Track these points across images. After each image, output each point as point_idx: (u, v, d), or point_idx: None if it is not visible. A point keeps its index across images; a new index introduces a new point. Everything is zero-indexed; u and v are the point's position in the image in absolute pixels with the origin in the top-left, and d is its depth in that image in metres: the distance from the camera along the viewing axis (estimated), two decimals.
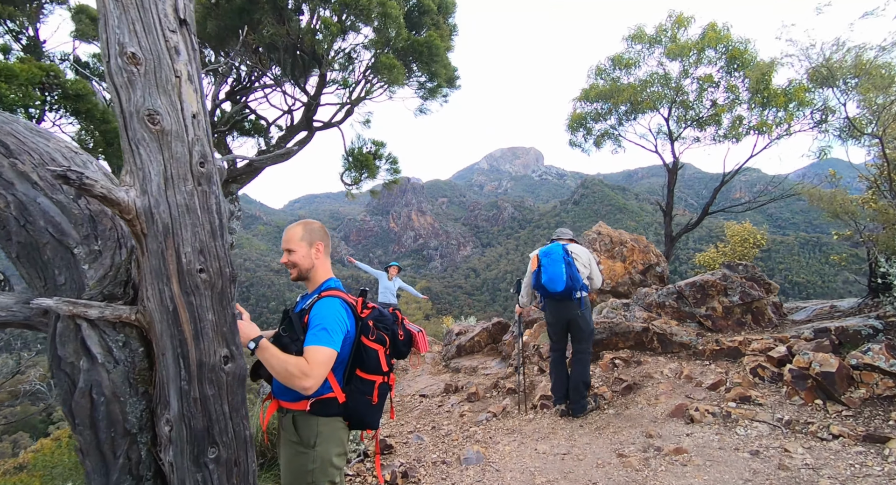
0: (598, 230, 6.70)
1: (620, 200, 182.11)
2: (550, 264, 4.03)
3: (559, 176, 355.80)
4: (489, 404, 5.35)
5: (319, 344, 1.75)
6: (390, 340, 2.09)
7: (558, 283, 3.96)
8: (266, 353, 1.74)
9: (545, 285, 4.01)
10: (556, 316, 4.19)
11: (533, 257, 4.20)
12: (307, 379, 1.67)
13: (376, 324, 2.06)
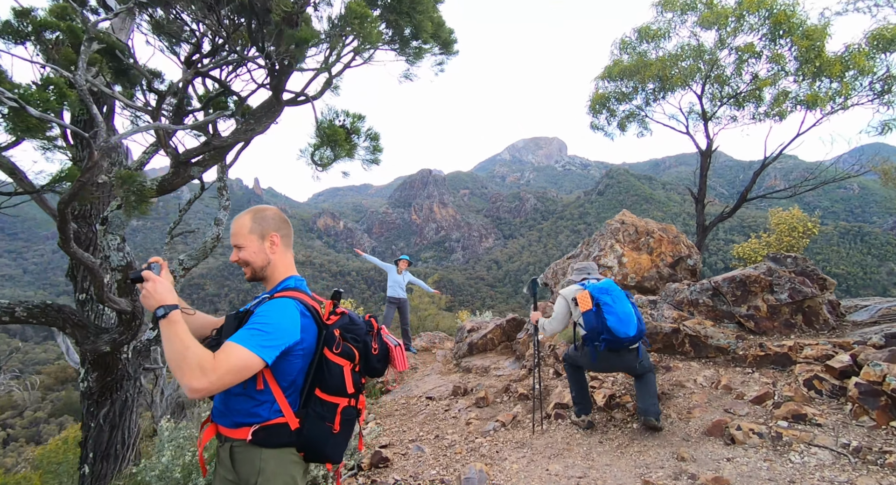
0: (622, 219, 6.07)
1: (647, 189, 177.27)
2: (616, 302, 3.29)
3: (583, 166, 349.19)
4: (499, 410, 4.87)
5: (241, 344, 1.35)
6: (360, 354, 1.65)
7: (630, 325, 3.23)
8: (171, 329, 1.32)
9: (613, 329, 3.21)
10: (609, 366, 3.53)
11: (580, 296, 3.39)
12: (201, 377, 1.26)
13: (344, 334, 1.63)
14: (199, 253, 4.47)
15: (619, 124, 9.23)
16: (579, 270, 3.88)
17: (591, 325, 3.31)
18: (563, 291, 3.67)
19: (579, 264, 3.93)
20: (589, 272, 3.85)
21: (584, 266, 3.88)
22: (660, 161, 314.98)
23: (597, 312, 3.31)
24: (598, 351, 3.37)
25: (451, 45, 2.95)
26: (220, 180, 4.80)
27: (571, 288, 3.65)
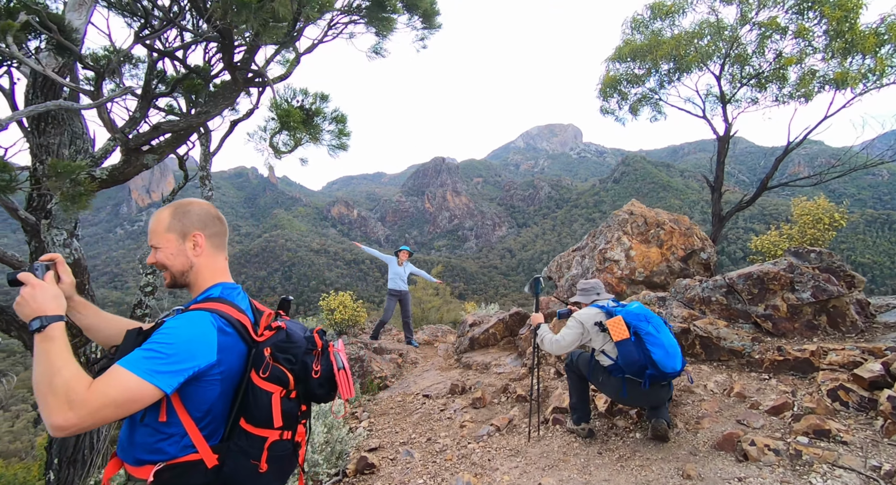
0: (630, 210, 5.70)
1: (664, 177, 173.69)
2: (659, 331, 2.94)
3: (599, 153, 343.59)
4: (495, 412, 4.61)
5: (129, 369, 1.11)
6: (296, 377, 1.39)
7: (677, 358, 2.87)
8: (44, 346, 1.08)
9: (660, 363, 2.82)
10: (639, 400, 3.11)
11: (613, 324, 2.99)
12: (66, 412, 1.02)
13: (276, 354, 1.36)
14: None
15: (630, 108, 8.73)
16: (586, 291, 3.52)
17: (629, 357, 2.89)
18: (580, 315, 3.25)
19: (585, 283, 3.60)
20: (598, 292, 3.52)
21: (591, 286, 3.53)
22: (678, 148, 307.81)
23: (637, 343, 2.91)
24: (632, 385, 2.99)
25: (432, 18, 2.62)
26: (202, 169, 4.58)
27: (590, 312, 3.23)
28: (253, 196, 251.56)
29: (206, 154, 4.58)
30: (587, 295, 3.52)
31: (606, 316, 3.15)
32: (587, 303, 3.46)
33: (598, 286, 3.54)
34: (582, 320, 3.21)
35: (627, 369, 2.94)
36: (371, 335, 7.86)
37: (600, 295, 3.50)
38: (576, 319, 3.24)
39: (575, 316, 3.28)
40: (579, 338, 3.20)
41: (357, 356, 6.78)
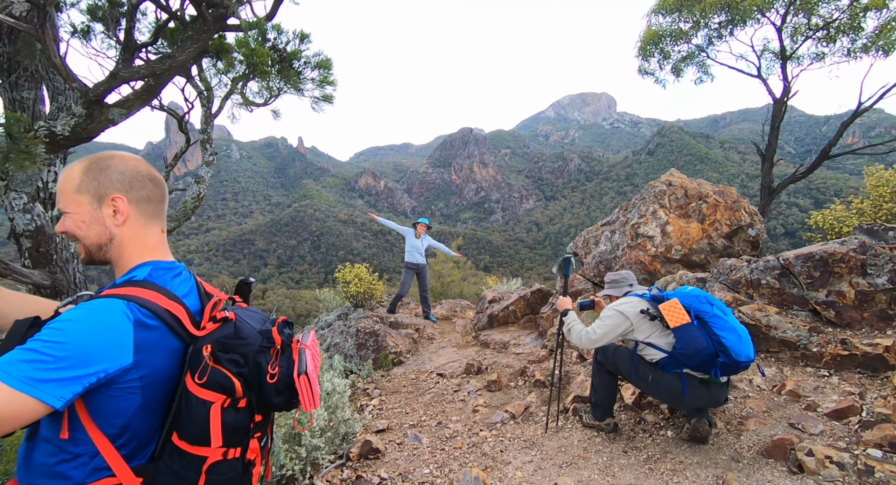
0: (669, 180, 5.12)
1: (702, 148, 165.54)
2: (726, 314, 2.55)
3: (633, 124, 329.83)
4: (511, 397, 4.31)
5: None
6: (245, 383, 1.07)
7: (750, 344, 2.49)
8: None
9: (733, 350, 2.40)
10: (698, 401, 2.63)
11: (669, 307, 2.58)
12: None
13: (217, 354, 1.04)
14: (179, 214, 4.03)
15: (673, 68, 7.88)
16: (616, 283, 3.07)
17: (693, 345, 2.44)
18: (620, 305, 2.81)
19: (614, 275, 3.14)
20: (631, 283, 3.08)
21: (621, 276, 3.08)
22: (719, 117, 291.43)
23: (701, 328, 2.48)
24: (694, 382, 2.56)
25: None
26: (202, 132, 4.28)
27: (630, 300, 2.79)
28: (283, 166, 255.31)
29: (206, 115, 4.27)
30: (618, 286, 3.09)
31: (653, 302, 2.72)
32: (620, 295, 3.04)
33: (629, 277, 3.10)
34: (622, 310, 2.78)
35: (689, 361, 2.50)
36: (388, 309, 7.66)
37: (633, 286, 3.07)
38: (614, 309, 2.82)
39: (613, 306, 2.85)
40: (617, 331, 2.79)
41: (372, 330, 6.58)
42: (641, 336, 2.75)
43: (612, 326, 2.78)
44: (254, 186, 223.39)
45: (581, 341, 2.89)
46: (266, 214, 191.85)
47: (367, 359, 6.34)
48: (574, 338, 2.96)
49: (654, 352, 2.70)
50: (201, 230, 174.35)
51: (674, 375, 2.61)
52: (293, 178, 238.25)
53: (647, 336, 2.72)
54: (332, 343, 6.82)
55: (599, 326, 2.83)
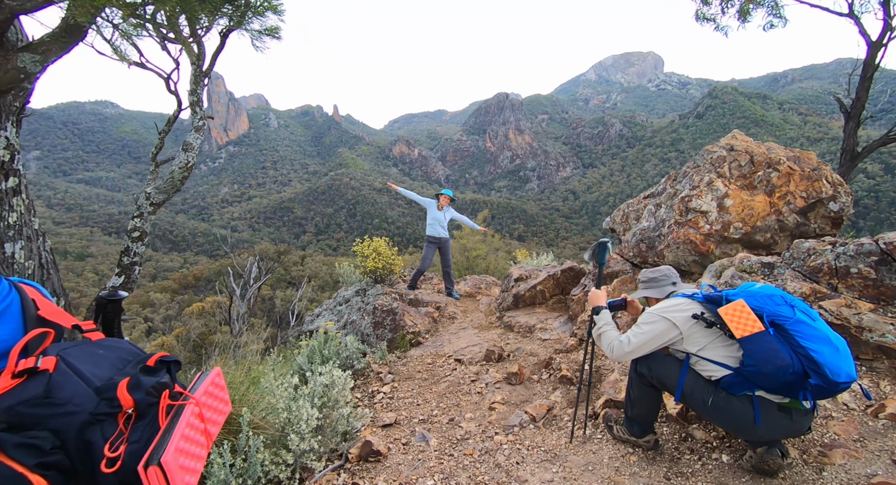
0: (730, 144, 4.31)
1: (758, 110, 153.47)
2: (815, 319, 1.95)
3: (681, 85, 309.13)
4: (533, 393, 3.84)
5: None
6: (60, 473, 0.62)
7: (850, 358, 1.89)
8: None
9: (828, 366, 1.81)
10: (775, 431, 2.04)
11: (735, 311, 1.98)
12: None
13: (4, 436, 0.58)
14: (167, 185, 3.67)
15: (739, 11, 6.71)
16: (655, 281, 2.48)
17: (771, 361, 1.85)
18: (663, 309, 2.22)
19: (652, 272, 2.52)
20: (675, 281, 2.46)
21: (661, 273, 2.49)
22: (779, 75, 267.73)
23: (781, 337, 1.88)
24: (770, 408, 1.98)
25: None
26: (192, 94, 3.84)
27: (677, 303, 2.21)
28: (319, 135, 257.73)
29: (196, 74, 3.82)
30: (659, 286, 2.48)
31: (708, 305, 2.13)
32: (661, 297, 2.44)
33: (670, 273, 2.49)
34: (667, 315, 2.20)
35: (764, 381, 1.91)
36: (408, 285, 7.27)
37: (677, 284, 2.46)
38: (657, 314, 2.24)
39: (656, 310, 2.27)
40: (660, 341, 2.22)
41: (389, 309, 6.22)
42: (694, 347, 2.16)
43: (654, 335, 2.21)
44: (291, 154, 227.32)
45: (612, 352, 2.34)
46: (304, 182, 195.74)
47: (384, 338, 6.01)
48: (604, 346, 2.41)
49: (713, 368, 2.11)
50: (244, 198, 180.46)
51: (742, 398, 2.02)
52: (329, 146, 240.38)
53: (703, 348, 2.14)
54: (349, 321, 6.53)
55: (637, 335, 2.26)
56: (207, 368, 5.03)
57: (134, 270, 3.59)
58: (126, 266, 3.53)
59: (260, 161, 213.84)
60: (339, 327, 6.54)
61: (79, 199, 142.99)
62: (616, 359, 2.38)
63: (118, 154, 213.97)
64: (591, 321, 2.68)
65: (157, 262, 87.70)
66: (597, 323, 2.56)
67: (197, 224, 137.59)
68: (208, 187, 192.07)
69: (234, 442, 2.52)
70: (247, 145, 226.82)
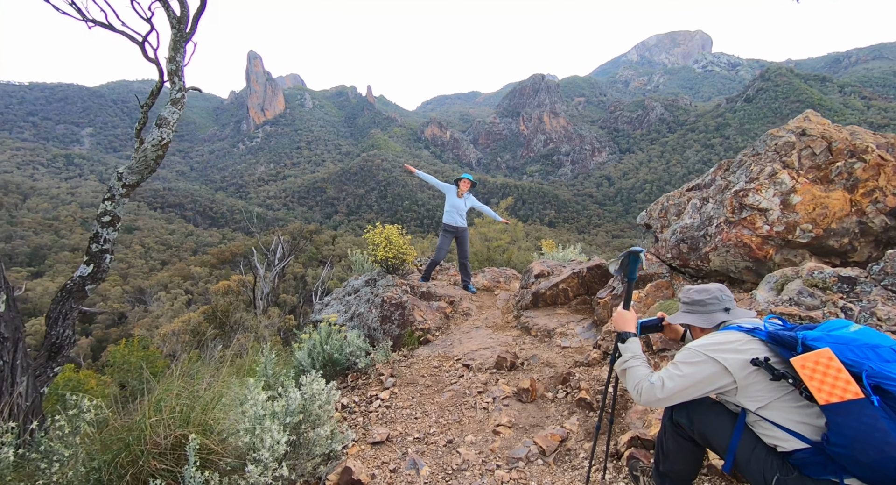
0: (801, 127, 3.55)
1: (815, 93, 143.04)
2: None
3: (731, 66, 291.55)
4: (545, 415, 3.33)
5: None
6: None
7: None
8: None
9: None
10: None
11: (822, 367, 1.39)
12: None
13: None
14: (140, 165, 3.30)
15: None
16: (703, 305, 1.88)
17: (875, 450, 1.29)
18: (709, 346, 1.67)
19: (698, 291, 1.92)
20: (727, 306, 1.85)
21: (711, 295, 1.88)
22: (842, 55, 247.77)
23: (892, 411, 1.31)
24: None
25: None
26: (171, 61, 3.43)
27: (729, 338, 1.66)
28: (352, 115, 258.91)
29: (176, 39, 3.40)
30: (706, 312, 1.88)
31: (775, 347, 1.56)
32: (710, 327, 1.85)
33: (722, 296, 1.87)
34: (717, 356, 1.63)
35: (859, 470, 1.34)
36: (422, 276, 6.82)
37: (731, 311, 1.85)
38: (702, 353, 1.67)
39: (699, 347, 1.70)
40: (706, 389, 1.66)
41: (399, 302, 5.81)
42: (753, 403, 1.59)
43: (697, 380, 1.65)
44: (325, 135, 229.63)
45: (640, 395, 1.79)
46: (336, 163, 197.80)
47: (391, 334, 5.61)
48: (630, 386, 1.85)
49: (781, 435, 1.54)
50: (279, 177, 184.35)
51: (824, 484, 1.45)
52: (362, 127, 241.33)
53: (765, 406, 1.56)
54: (356, 313, 6.16)
55: (674, 378, 1.70)
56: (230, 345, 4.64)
57: (104, 258, 3.25)
58: (95, 254, 3.19)
59: (295, 141, 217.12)
60: (345, 319, 6.19)
61: None
62: (645, 404, 1.83)
63: None
64: (615, 350, 2.13)
65: (197, 237, 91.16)
66: (622, 354, 2.01)
67: (235, 201, 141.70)
68: (246, 166, 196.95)
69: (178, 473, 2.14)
70: (282, 125, 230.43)
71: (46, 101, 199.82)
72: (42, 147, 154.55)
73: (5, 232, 70.95)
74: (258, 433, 2.38)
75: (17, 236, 71.04)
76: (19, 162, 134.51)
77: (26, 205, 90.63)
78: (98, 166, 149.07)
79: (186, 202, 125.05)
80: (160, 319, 30.97)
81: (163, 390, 2.32)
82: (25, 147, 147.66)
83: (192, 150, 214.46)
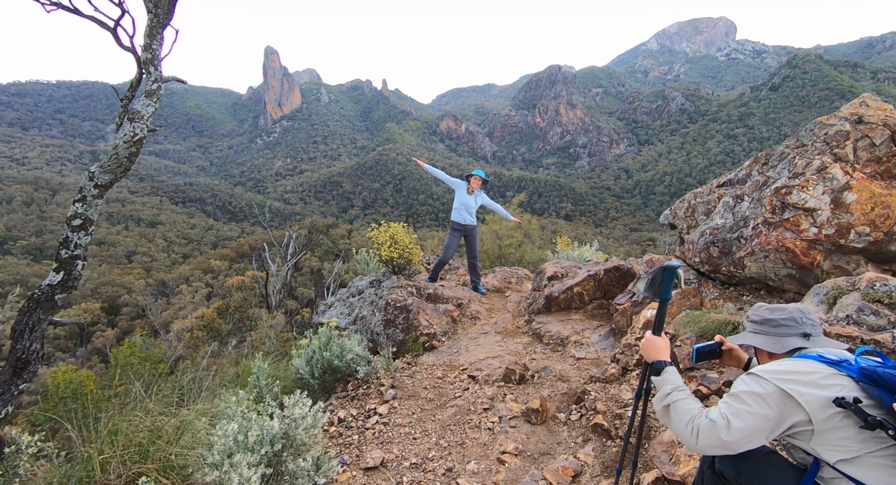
0: (858, 113, 3.08)
1: (846, 80, 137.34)
2: None
3: (755, 53, 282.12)
4: (557, 441, 2.98)
5: None
6: None
7: None
8: None
9: None
10: None
11: None
12: None
13: None
14: (113, 164, 3.03)
15: None
16: (776, 325, 1.49)
17: None
18: (782, 375, 1.31)
19: (771, 310, 1.53)
20: (807, 331, 1.45)
21: (788, 315, 1.49)
22: (876, 40, 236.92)
23: None
24: None
25: None
26: (147, 50, 3.15)
27: (804, 368, 1.30)
28: (368, 109, 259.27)
29: (152, 25, 3.13)
30: (779, 335, 1.49)
31: (871, 387, 1.19)
32: (780, 353, 1.47)
33: (802, 319, 1.47)
34: (788, 387, 1.26)
35: None
36: (429, 277, 6.50)
37: (812, 338, 1.46)
38: (768, 380, 1.30)
39: (766, 373, 1.33)
40: (776, 430, 1.29)
41: (403, 305, 5.50)
42: (834, 454, 1.22)
43: (765, 417, 1.28)
44: (341, 129, 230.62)
45: (698, 438, 1.39)
46: (352, 157, 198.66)
47: (395, 339, 5.31)
48: (680, 427, 1.46)
49: None
50: (296, 172, 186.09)
51: None
52: (377, 121, 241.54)
53: (851, 460, 1.19)
54: (359, 316, 5.87)
55: (741, 415, 1.31)
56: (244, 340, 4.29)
57: (76, 265, 2.99)
58: (65, 261, 2.94)
59: (311, 136, 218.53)
60: (348, 323, 5.92)
61: (150, 170, 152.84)
62: (703, 451, 1.43)
63: (183, 128, 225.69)
64: (642, 383, 1.77)
65: (217, 231, 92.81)
66: (657, 387, 1.64)
67: (253, 196, 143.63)
68: (263, 161, 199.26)
69: None
70: (299, 120, 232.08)
71: (73, 99, 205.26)
72: (69, 144, 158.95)
73: (36, 226, 73.22)
74: (226, 470, 2.09)
75: (47, 231, 73.27)
76: (48, 158, 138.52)
77: (55, 200, 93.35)
78: None
79: (207, 197, 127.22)
80: (181, 312, 31.56)
81: (121, 419, 2.04)
82: (54, 144, 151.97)
83: (211, 145, 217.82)
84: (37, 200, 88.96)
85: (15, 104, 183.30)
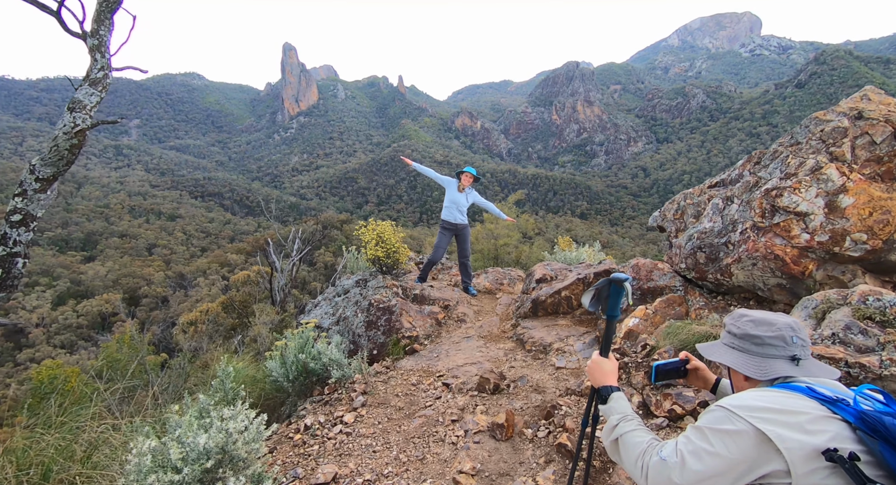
0: (857, 108, 2.79)
1: (876, 77, 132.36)
2: None
3: (781, 49, 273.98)
4: (519, 461, 2.77)
5: None
6: None
7: None
8: None
9: None
10: None
11: None
12: None
13: None
14: (54, 156, 2.91)
15: None
16: (758, 342, 1.21)
17: None
18: (758, 413, 1.05)
19: (754, 322, 1.24)
20: (796, 353, 1.16)
21: (776, 332, 1.19)
22: None
23: None
24: None
25: None
26: (94, 35, 3.02)
27: (798, 405, 1.05)
28: (383, 106, 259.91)
29: (100, 9, 3.02)
30: (760, 354, 1.22)
31: (870, 436, 0.95)
32: (762, 378, 1.22)
33: (792, 338, 1.18)
34: (762, 426, 1.01)
35: None
36: (418, 277, 6.32)
37: (802, 363, 1.19)
38: (739, 417, 1.05)
39: (735, 407, 1.08)
40: (742, 475, 1.05)
41: (386, 306, 5.34)
42: None
43: (732, 460, 1.05)
44: (357, 125, 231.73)
45: (647, 477, 1.17)
46: (367, 153, 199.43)
47: (376, 341, 5.15)
48: (629, 463, 1.23)
49: None
50: (312, 167, 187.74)
51: None
52: (393, 117, 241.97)
53: None
54: (343, 317, 5.73)
55: (699, 454, 1.07)
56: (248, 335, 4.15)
57: (15, 262, 2.88)
58: (3, 258, 2.83)
59: (328, 132, 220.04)
60: (332, 323, 5.78)
61: (171, 164, 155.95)
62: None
63: (203, 123, 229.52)
64: (591, 410, 1.56)
65: (234, 225, 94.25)
66: (605, 415, 1.42)
67: (270, 191, 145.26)
68: (280, 156, 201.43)
69: None
70: (316, 116, 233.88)
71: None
72: (94, 138, 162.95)
73: (62, 218, 75.30)
74: None
75: (73, 222, 75.33)
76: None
77: (80, 193, 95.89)
78: (144, 156, 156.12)
79: (225, 191, 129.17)
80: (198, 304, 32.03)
81: (22, 437, 1.91)
82: None
83: (230, 140, 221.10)
84: (63, 192, 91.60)
85: (44, 99, 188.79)
